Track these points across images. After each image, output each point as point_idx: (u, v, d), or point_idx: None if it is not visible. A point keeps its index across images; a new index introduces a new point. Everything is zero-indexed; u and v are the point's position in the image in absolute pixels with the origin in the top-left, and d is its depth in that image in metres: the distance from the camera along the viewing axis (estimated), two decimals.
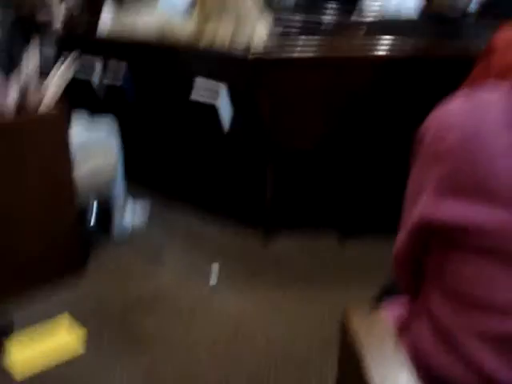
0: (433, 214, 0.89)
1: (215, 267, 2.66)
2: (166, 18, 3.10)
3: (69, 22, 4.62)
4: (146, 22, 3.05)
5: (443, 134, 0.88)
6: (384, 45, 2.51)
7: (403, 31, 2.54)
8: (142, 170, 3.30)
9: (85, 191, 2.63)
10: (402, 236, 0.99)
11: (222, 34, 2.71)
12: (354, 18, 4.41)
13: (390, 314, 1.07)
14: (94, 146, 2.74)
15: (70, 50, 3.40)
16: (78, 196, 2.55)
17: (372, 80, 2.47)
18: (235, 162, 2.97)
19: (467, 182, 0.85)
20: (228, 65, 2.68)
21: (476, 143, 0.84)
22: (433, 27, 2.55)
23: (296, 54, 2.54)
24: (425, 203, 0.90)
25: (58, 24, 4.17)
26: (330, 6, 3.90)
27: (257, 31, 2.69)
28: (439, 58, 2.45)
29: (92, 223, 2.98)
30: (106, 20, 3.54)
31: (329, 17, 3.50)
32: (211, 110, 2.62)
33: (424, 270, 0.98)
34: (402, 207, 1.00)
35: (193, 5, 3.03)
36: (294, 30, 2.91)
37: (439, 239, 0.91)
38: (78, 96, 3.19)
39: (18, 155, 2.32)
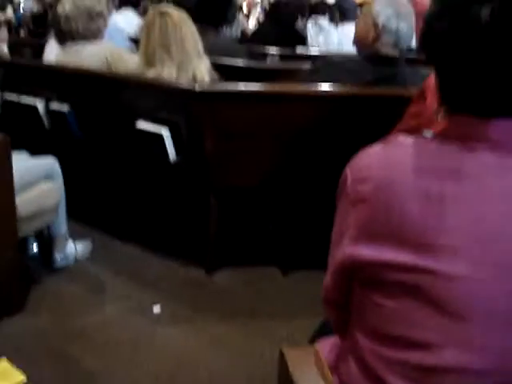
0: (352, 256, 0.95)
1: (158, 302, 2.65)
2: (112, 49, 3.12)
3: (14, 48, 4.61)
4: (91, 53, 3.06)
5: (360, 183, 0.95)
6: (326, 82, 2.60)
7: (345, 70, 2.64)
8: (85, 205, 3.27)
9: (26, 220, 2.59)
10: (328, 277, 1.04)
11: (165, 77, 2.76)
12: (298, 51, 4.57)
13: (324, 352, 1.11)
14: (37, 173, 2.71)
15: (15, 78, 3.40)
16: (19, 226, 2.51)
17: (316, 116, 2.55)
18: (179, 196, 2.97)
19: (382, 228, 0.91)
20: (174, 97, 2.71)
21: (388, 193, 0.91)
22: (373, 66, 2.64)
23: (242, 88, 2.60)
24: (346, 246, 0.96)
25: (4, 49, 4.15)
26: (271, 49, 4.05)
27: (198, 75, 2.74)
28: (379, 97, 2.55)
29: (33, 253, 2.95)
30: (51, 52, 3.54)
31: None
32: (157, 139, 2.64)
33: (350, 310, 1.03)
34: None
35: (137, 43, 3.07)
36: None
37: (359, 279, 0.97)
38: (22, 125, 3.18)
39: None
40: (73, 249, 2.94)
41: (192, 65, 2.78)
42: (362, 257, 0.93)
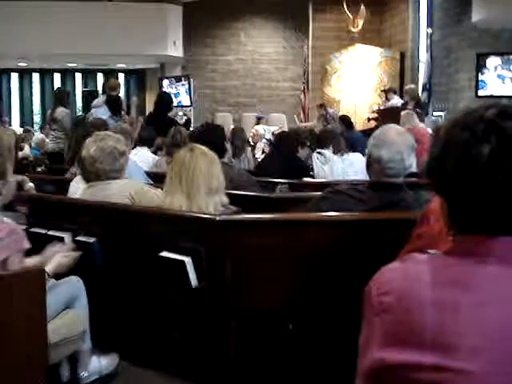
0: (380, 360, 1.08)
1: None
2: (136, 186, 3.37)
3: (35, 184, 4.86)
4: (116, 190, 3.31)
5: (384, 295, 1.11)
6: (334, 209, 2.81)
7: (351, 197, 2.86)
8: (108, 328, 3.37)
9: (54, 347, 2.70)
10: (357, 382, 1.16)
11: (176, 206, 2.97)
12: (305, 181, 4.85)
13: None
14: (63, 299, 2.88)
15: (42, 213, 3.61)
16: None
17: (329, 241, 2.71)
18: (199, 321, 3.07)
19: (405, 334, 1.06)
20: (195, 227, 2.89)
21: (409, 303, 1.08)
22: (377, 193, 2.85)
23: (259, 217, 2.81)
24: (374, 351, 1.10)
25: (31, 184, 4.39)
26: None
27: (210, 206, 2.94)
28: (386, 221, 2.74)
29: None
30: (76, 190, 3.80)
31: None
32: (180, 267, 2.80)
33: None
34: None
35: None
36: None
37: (388, 380, 1.09)
38: None
39: None
40: (97, 364, 3.00)
41: (198, 199, 2.95)
42: (389, 360, 1.06)
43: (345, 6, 13.90)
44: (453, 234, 1.15)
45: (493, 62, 9.86)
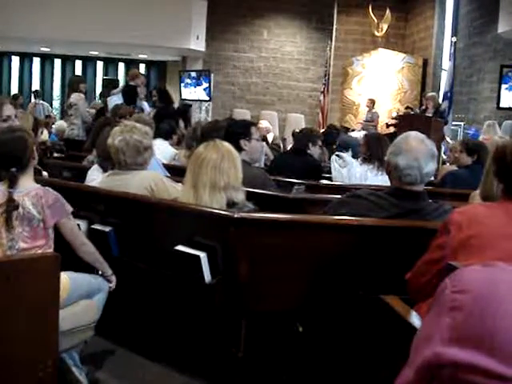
0: (442, 355, 1.06)
1: None
2: (156, 179, 3.37)
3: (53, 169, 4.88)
4: (136, 181, 3.31)
5: (459, 293, 1.10)
6: (353, 213, 2.80)
7: (371, 203, 2.84)
8: (112, 321, 3.37)
9: (65, 335, 2.71)
10: (407, 372, 1.13)
11: (184, 199, 2.97)
12: (323, 183, 4.83)
13: None
14: (88, 288, 2.91)
15: None
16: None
17: (346, 245, 2.71)
18: (209, 318, 3.06)
19: (475, 336, 1.04)
20: (212, 223, 2.89)
21: (484, 307, 1.06)
22: (397, 200, 2.82)
23: (277, 216, 2.80)
24: (436, 345, 1.08)
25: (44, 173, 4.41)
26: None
27: (213, 202, 2.92)
28: (404, 228, 2.73)
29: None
30: (94, 178, 3.80)
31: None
32: (194, 261, 2.80)
33: None
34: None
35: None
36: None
37: (442, 378, 1.07)
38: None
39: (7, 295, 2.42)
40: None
41: (202, 192, 2.94)
42: (451, 357, 1.05)
43: (370, 9, 13.85)
44: None
45: None
